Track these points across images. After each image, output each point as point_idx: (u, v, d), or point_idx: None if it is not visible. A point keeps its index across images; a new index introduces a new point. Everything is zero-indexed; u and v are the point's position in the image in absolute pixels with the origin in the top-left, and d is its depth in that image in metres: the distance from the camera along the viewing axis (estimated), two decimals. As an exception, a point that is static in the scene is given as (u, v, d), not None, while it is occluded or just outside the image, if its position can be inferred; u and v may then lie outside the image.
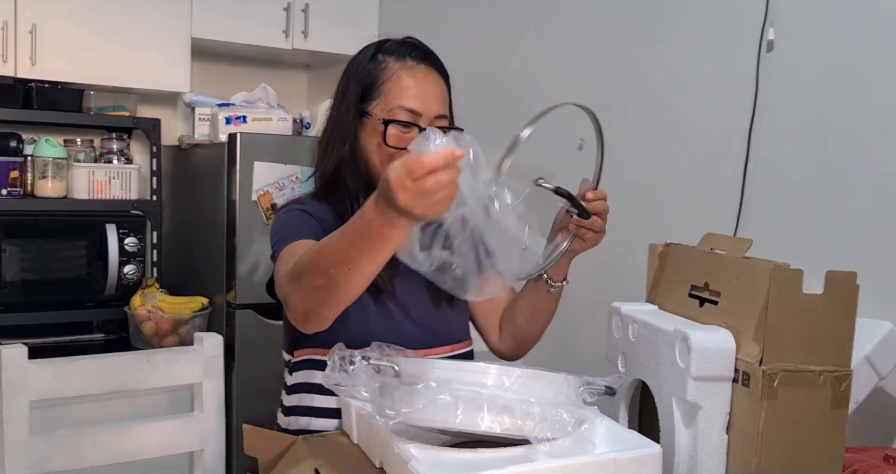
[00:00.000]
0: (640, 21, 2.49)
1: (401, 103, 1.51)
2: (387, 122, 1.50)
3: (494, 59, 3.05)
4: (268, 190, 2.98)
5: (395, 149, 1.49)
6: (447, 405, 1.11)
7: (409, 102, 1.51)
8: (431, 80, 1.56)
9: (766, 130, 2.12)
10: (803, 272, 1.16)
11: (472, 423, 1.12)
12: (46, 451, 1.65)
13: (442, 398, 1.11)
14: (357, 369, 1.16)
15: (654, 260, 1.50)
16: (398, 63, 1.54)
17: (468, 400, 1.12)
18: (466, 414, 1.12)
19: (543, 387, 1.17)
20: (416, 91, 1.52)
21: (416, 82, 1.53)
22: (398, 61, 1.55)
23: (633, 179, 2.49)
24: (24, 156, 3.10)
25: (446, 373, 1.16)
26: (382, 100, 1.52)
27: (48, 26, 3.02)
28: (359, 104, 1.54)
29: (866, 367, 1.67)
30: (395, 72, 1.53)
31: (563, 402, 1.15)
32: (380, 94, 1.53)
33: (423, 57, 1.57)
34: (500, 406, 1.12)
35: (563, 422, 1.12)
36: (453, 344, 1.62)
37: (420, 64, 1.56)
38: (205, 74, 3.64)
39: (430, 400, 1.11)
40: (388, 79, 1.53)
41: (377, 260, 1.13)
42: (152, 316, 2.99)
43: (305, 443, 1.34)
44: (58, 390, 1.68)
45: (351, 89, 1.57)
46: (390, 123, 1.50)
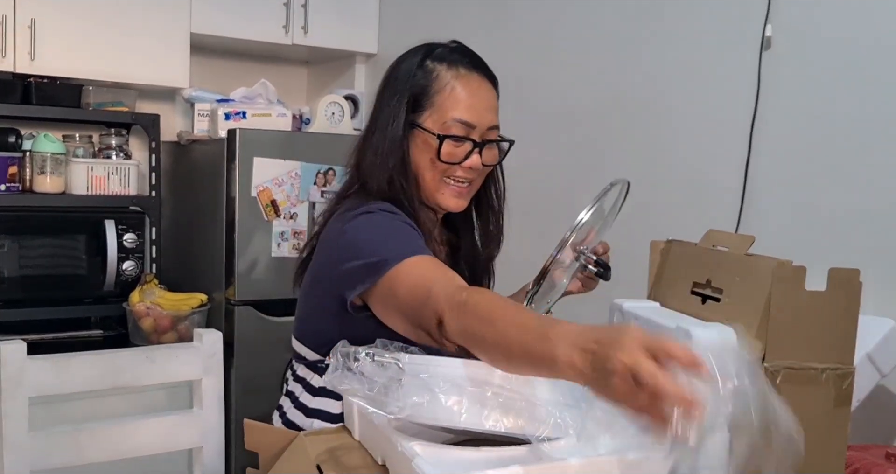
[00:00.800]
0: (641, 19, 2.49)
1: (455, 115, 1.45)
2: (442, 138, 1.44)
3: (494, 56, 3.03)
4: (267, 186, 2.97)
5: (448, 164, 1.46)
6: (451, 403, 1.11)
7: (463, 115, 1.45)
8: (485, 90, 1.50)
9: (767, 127, 2.11)
10: (806, 269, 1.15)
11: (476, 422, 1.11)
12: (45, 448, 1.64)
13: (446, 396, 1.10)
14: (361, 366, 1.15)
15: (656, 256, 1.50)
16: (451, 72, 1.47)
17: (473, 398, 1.12)
18: (471, 413, 1.11)
19: (548, 388, 1.16)
20: (470, 102, 1.46)
21: (469, 92, 1.47)
22: (450, 70, 1.48)
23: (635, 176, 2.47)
24: (22, 152, 3.09)
25: (451, 371, 1.15)
26: (435, 111, 1.46)
27: (47, 21, 3.01)
28: (409, 114, 1.47)
29: (868, 365, 1.67)
30: (447, 82, 1.47)
31: (568, 405, 1.14)
32: (432, 104, 1.46)
33: (475, 64, 1.51)
34: (505, 405, 1.11)
35: (566, 424, 1.12)
36: None
37: (473, 72, 1.49)
38: (204, 70, 3.64)
39: (434, 397, 1.10)
40: (441, 89, 1.46)
41: (531, 373, 1.05)
42: (151, 312, 2.98)
43: (307, 439, 1.33)
44: (57, 386, 1.68)
45: (399, 98, 1.49)
46: (445, 139, 1.44)
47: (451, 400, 1.10)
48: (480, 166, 1.48)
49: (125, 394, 1.89)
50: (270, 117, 3.24)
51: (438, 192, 1.48)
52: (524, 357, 1.01)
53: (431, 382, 1.10)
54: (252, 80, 3.42)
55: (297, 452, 1.30)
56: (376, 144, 1.49)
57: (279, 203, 2.99)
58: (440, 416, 1.11)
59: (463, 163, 1.46)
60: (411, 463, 1.05)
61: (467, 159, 1.46)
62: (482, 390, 1.12)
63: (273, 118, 3.25)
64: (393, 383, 1.12)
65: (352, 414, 1.34)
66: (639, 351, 0.82)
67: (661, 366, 0.81)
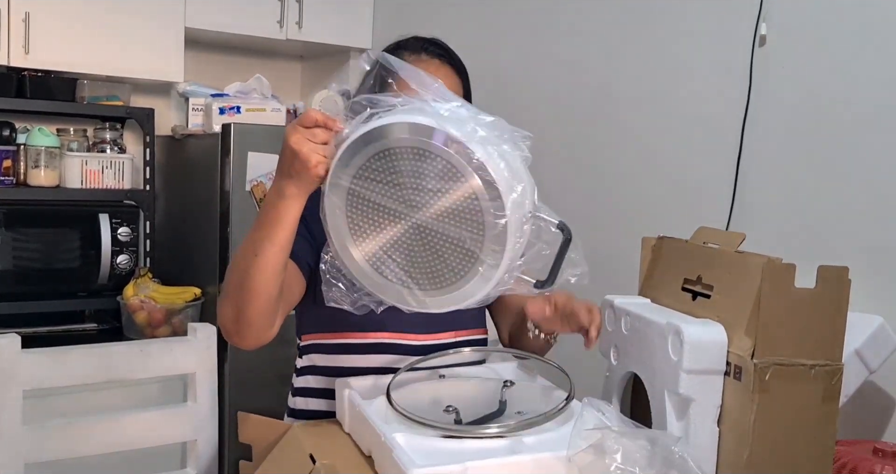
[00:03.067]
0: (634, 15, 2.50)
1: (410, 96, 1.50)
2: None
3: (489, 51, 3.05)
4: (261, 180, 2.98)
5: None
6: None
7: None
8: (443, 74, 1.54)
9: (759, 125, 2.12)
10: (796, 266, 1.16)
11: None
12: (39, 441, 1.65)
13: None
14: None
15: (648, 253, 1.51)
16: (412, 57, 1.53)
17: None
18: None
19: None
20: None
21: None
22: (412, 55, 1.54)
23: (627, 173, 2.50)
24: (16, 146, 3.08)
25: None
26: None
27: (42, 15, 3.00)
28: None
29: (856, 361, 1.68)
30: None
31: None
32: (392, 88, 1.52)
33: (439, 53, 1.56)
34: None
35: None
36: (459, 330, 1.61)
37: (434, 59, 1.55)
38: (199, 64, 3.64)
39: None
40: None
41: (276, 239, 1.23)
42: (145, 306, 2.99)
43: (300, 430, 1.35)
44: (51, 380, 1.68)
45: (366, 84, 1.56)
46: None
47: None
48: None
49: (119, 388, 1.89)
50: (265, 112, 3.24)
51: None
52: (255, 227, 1.25)
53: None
54: (246, 74, 3.42)
55: (291, 444, 1.31)
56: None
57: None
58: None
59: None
60: (392, 455, 1.07)
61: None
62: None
63: (267, 113, 3.25)
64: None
65: (342, 407, 1.35)
66: (292, 129, 1.18)
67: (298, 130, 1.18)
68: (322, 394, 1.59)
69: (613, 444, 1.03)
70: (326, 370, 1.58)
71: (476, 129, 1.11)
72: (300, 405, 1.62)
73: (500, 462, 1.07)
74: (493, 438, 1.15)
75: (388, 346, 1.53)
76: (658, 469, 1.02)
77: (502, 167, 1.09)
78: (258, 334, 1.32)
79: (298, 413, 1.61)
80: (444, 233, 1.12)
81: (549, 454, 1.09)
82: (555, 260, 1.16)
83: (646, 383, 1.30)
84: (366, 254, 1.17)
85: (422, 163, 1.10)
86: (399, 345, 1.53)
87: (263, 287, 1.27)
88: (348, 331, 1.53)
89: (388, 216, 1.14)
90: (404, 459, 1.05)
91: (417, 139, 1.09)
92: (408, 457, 1.05)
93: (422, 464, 1.03)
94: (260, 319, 1.30)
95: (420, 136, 1.09)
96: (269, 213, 1.23)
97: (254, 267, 1.25)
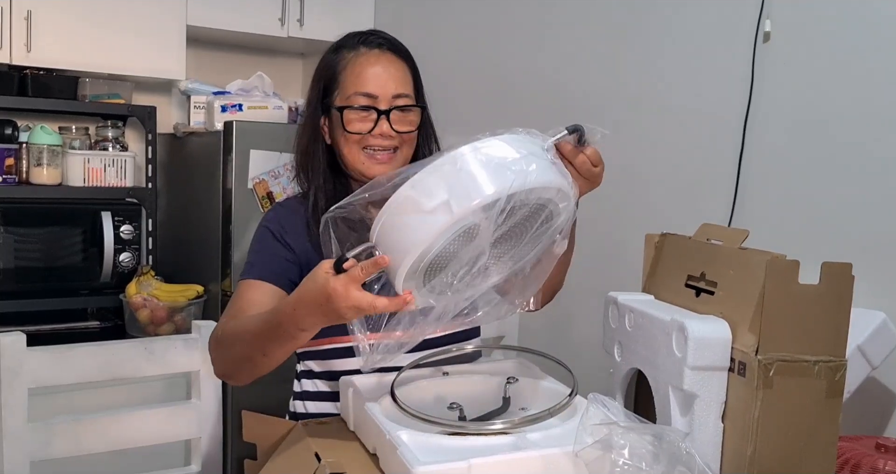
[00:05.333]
0: (637, 12, 2.50)
1: (356, 89, 1.52)
2: (341, 109, 1.51)
3: (489, 49, 3.05)
4: (263, 178, 2.98)
5: (358, 135, 1.51)
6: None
7: (363, 87, 1.51)
8: (385, 61, 1.55)
9: (761, 121, 2.12)
10: (799, 263, 1.17)
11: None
12: (44, 438, 1.66)
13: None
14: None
15: (651, 250, 1.51)
16: (352, 52, 1.55)
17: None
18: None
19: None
20: (368, 74, 1.52)
21: (367, 66, 1.53)
22: (352, 51, 1.55)
23: (630, 170, 2.50)
24: (19, 144, 3.09)
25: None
26: (341, 90, 1.54)
27: (44, 13, 3.01)
28: (324, 99, 1.57)
29: (859, 357, 1.68)
30: (348, 61, 1.54)
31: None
32: (338, 85, 1.54)
33: (378, 43, 1.57)
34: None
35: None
36: None
37: (373, 49, 1.56)
38: (200, 62, 3.64)
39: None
40: (344, 68, 1.54)
41: (287, 349, 1.30)
42: (148, 303, 2.99)
43: (305, 429, 1.35)
44: (56, 377, 1.69)
45: (315, 86, 1.59)
46: (345, 109, 1.51)
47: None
48: (392, 132, 1.52)
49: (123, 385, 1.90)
50: (266, 110, 3.25)
51: (361, 164, 1.54)
52: (266, 337, 1.28)
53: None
54: (248, 72, 3.42)
55: (296, 442, 1.31)
56: (300, 134, 1.62)
57: (275, 195, 2.99)
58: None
59: (373, 131, 1.52)
60: (396, 452, 1.07)
61: (376, 127, 1.51)
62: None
63: (269, 110, 3.25)
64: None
65: (347, 406, 1.36)
66: (345, 299, 1.13)
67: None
68: (321, 397, 1.61)
69: (620, 440, 1.03)
70: (323, 374, 1.60)
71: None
72: (300, 409, 1.63)
73: (505, 458, 1.07)
74: (498, 435, 1.16)
75: None
76: (665, 465, 1.02)
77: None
78: (250, 381, 1.42)
79: (299, 416, 1.62)
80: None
81: (554, 450, 1.09)
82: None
83: (650, 379, 1.31)
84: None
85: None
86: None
87: (263, 371, 1.37)
88: (336, 335, 1.53)
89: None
90: (409, 457, 1.05)
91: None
92: (412, 455, 1.06)
93: (426, 462, 1.03)
94: (255, 378, 1.41)
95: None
96: (282, 335, 1.26)
97: (259, 359, 1.34)
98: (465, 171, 1.07)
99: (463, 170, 1.07)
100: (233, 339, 1.38)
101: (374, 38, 1.58)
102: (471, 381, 1.43)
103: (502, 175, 1.06)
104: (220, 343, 1.43)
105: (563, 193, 1.13)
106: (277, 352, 1.30)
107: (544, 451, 1.09)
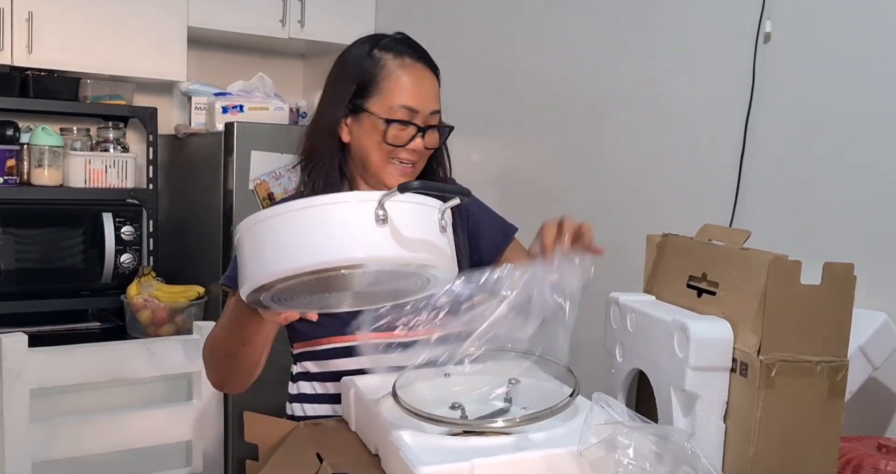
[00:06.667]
0: (637, 12, 2.50)
1: (400, 102, 1.53)
2: (389, 122, 1.52)
3: (491, 50, 3.05)
4: (264, 179, 2.98)
5: (393, 147, 1.53)
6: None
7: (408, 101, 1.53)
8: (428, 77, 1.58)
9: (762, 122, 2.12)
10: (801, 263, 1.17)
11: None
12: (46, 439, 1.66)
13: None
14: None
15: (652, 250, 1.51)
16: (396, 61, 1.56)
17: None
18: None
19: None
20: (414, 89, 1.54)
21: (414, 80, 1.55)
22: (396, 59, 1.56)
23: (631, 171, 2.50)
24: (20, 145, 3.09)
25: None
26: (382, 98, 1.54)
27: (45, 14, 3.01)
28: (353, 99, 1.56)
29: (861, 358, 1.68)
30: (393, 70, 1.55)
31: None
32: (378, 91, 1.54)
33: (419, 55, 1.59)
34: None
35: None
36: None
37: (417, 62, 1.57)
38: (201, 63, 3.64)
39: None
40: (387, 77, 1.54)
41: (263, 333, 1.36)
42: (149, 304, 2.99)
43: (306, 430, 1.35)
44: (57, 378, 1.69)
45: (344, 84, 1.59)
46: (392, 123, 1.52)
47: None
48: (423, 148, 1.56)
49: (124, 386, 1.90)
50: (267, 111, 3.25)
51: (384, 172, 1.56)
52: (238, 329, 1.35)
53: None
54: (249, 73, 3.43)
55: (297, 443, 1.31)
56: (316, 123, 1.62)
57: (276, 196, 3.00)
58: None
59: (407, 145, 1.54)
60: (399, 453, 1.07)
61: (411, 142, 1.54)
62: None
63: (270, 111, 3.25)
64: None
65: (349, 406, 1.36)
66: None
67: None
68: (318, 400, 1.61)
69: (625, 440, 1.03)
70: (320, 375, 1.60)
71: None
72: (297, 411, 1.63)
73: (508, 459, 1.07)
74: (500, 435, 1.16)
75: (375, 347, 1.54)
76: (669, 465, 1.02)
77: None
78: (245, 386, 1.49)
79: (296, 419, 1.61)
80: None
81: (557, 450, 1.09)
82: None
83: (651, 380, 1.31)
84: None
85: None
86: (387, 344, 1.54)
87: (252, 365, 1.43)
88: (333, 335, 1.54)
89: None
90: (411, 457, 1.05)
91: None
92: (415, 455, 1.05)
93: (429, 462, 1.03)
94: (248, 380, 1.48)
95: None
96: (248, 326, 1.33)
97: (243, 352, 1.40)
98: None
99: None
100: (214, 343, 1.46)
101: (415, 50, 1.59)
102: (473, 382, 1.43)
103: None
104: (207, 349, 1.50)
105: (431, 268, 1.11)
106: (254, 339, 1.35)
107: (548, 451, 1.09)
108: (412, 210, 1.07)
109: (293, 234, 1.04)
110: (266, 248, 1.05)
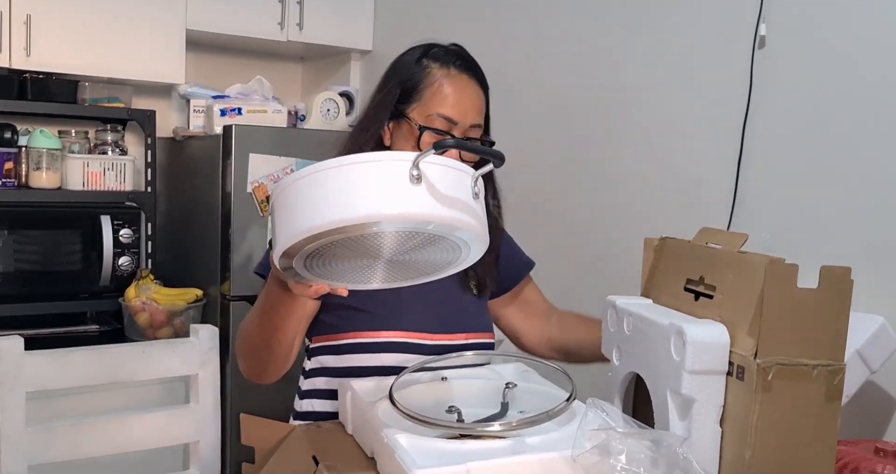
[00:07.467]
0: (635, 16, 2.50)
1: (439, 110, 1.53)
2: (423, 129, 1.53)
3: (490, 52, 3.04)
4: (263, 182, 2.98)
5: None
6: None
7: (446, 110, 1.53)
8: (471, 90, 1.58)
9: (760, 126, 2.12)
10: (798, 267, 1.17)
11: None
12: (43, 442, 1.65)
13: None
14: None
15: (650, 254, 1.51)
16: (442, 70, 1.56)
17: None
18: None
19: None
20: (454, 99, 1.54)
21: (456, 91, 1.55)
22: (442, 68, 1.57)
23: (628, 173, 2.50)
24: (18, 148, 3.09)
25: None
26: (421, 104, 1.55)
27: (43, 17, 3.01)
28: (397, 104, 1.57)
29: (858, 361, 1.68)
30: (437, 78, 1.55)
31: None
32: (420, 98, 1.55)
33: (467, 66, 1.60)
34: None
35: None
36: (470, 332, 1.62)
37: (462, 73, 1.58)
38: (200, 66, 3.64)
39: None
40: (430, 85, 1.55)
41: (295, 317, 1.42)
42: (147, 307, 2.99)
43: (303, 432, 1.35)
44: (54, 381, 1.68)
45: (391, 88, 1.59)
46: (426, 130, 1.53)
47: None
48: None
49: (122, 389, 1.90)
50: (266, 113, 3.25)
51: None
52: (269, 313, 1.39)
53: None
54: (248, 76, 3.43)
55: (294, 446, 1.31)
56: (360, 125, 1.63)
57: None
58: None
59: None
60: (395, 456, 1.07)
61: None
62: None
63: (268, 114, 3.25)
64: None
65: (346, 409, 1.36)
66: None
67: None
68: (331, 396, 1.59)
69: (618, 445, 1.03)
70: (336, 371, 1.59)
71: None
72: (307, 407, 1.62)
73: (504, 462, 1.07)
74: (496, 439, 1.16)
75: (399, 345, 1.54)
76: (663, 470, 1.02)
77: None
78: (279, 374, 1.53)
79: (306, 415, 1.61)
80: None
81: (552, 454, 1.09)
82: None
83: (648, 383, 1.31)
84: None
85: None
86: (411, 344, 1.54)
87: (286, 352, 1.47)
88: (359, 330, 1.54)
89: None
90: (407, 460, 1.05)
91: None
92: (410, 458, 1.05)
93: (425, 465, 1.03)
94: (282, 368, 1.51)
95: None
96: (279, 306, 1.37)
97: (276, 339, 1.43)
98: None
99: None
100: (247, 331, 1.49)
101: (463, 61, 1.60)
102: (469, 386, 1.43)
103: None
104: (240, 338, 1.53)
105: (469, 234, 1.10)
106: (286, 323, 1.41)
107: (543, 455, 1.09)
108: (446, 172, 1.07)
109: (327, 192, 1.03)
110: (300, 206, 1.05)
